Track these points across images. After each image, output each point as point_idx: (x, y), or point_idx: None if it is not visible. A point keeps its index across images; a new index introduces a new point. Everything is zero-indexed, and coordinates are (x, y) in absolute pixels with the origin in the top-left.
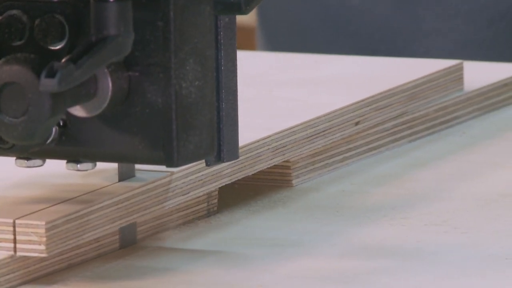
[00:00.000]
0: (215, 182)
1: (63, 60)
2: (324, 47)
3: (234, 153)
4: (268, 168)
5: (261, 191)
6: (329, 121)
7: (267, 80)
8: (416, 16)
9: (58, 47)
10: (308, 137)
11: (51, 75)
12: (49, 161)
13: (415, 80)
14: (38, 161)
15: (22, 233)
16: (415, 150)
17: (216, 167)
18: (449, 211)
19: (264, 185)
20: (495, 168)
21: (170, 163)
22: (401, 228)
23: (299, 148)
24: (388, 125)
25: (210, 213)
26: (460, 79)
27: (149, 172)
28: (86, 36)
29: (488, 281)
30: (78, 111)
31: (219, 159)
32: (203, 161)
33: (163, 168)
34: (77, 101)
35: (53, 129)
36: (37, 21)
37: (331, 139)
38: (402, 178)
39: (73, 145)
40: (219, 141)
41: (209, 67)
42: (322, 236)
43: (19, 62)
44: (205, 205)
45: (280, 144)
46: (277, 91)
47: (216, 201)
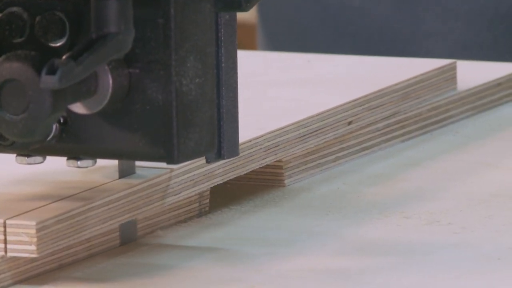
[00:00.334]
0: (207, 182)
1: (64, 57)
2: (324, 48)
3: (234, 150)
4: (260, 168)
5: (253, 191)
6: (322, 121)
7: (260, 79)
8: (416, 17)
9: (58, 44)
10: (300, 137)
11: (52, 72)
12: (49, 158)
13: (408, 79)
14: (38, 158)
15: (12, 234)
16: (407, 149)
17: (207, 167)
18: (442, 211)
19: (256, 185)
20: (488, 168)
21: (170, 160)
22: (393, 227)
23: (292, 147)
24: (380, 124)
25: (202, 213)
26: (453, 79)
27: (149, 169)
28: (86, 33)
29: (480, 281)
30: (78, 108)
31: (220, 156)
32: (202, 158)
33: (163, 165)
34: (77, 98)
35: (54, 126)
36: (38, 18)
37: (323, 139)
38: (394, 177)
39: (74, 142)
40: (220, 138)
41: (209, 64)
42: (314, 235)
43: (20, 59)
44: (196, 205)
45: (272, 143)
46: (270, 91)
47: (208, 201)
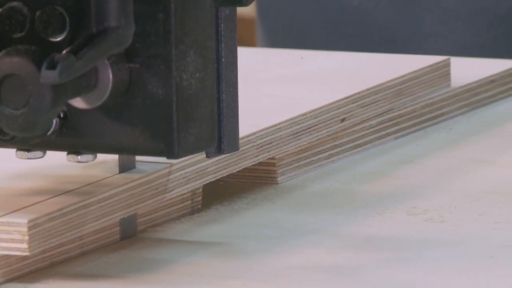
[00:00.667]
0: (200, 179)
1: (64, 52)
2: (323, 48)
3: (234, 144)
4: (253, 165)
5: (246, 188)
6: (315, 118)
7: (253, 76)
8: (415, 17)
9: (58, 39)
10: (293, 134)
11: (52, 67)
12: (49, 153)
13: (402, 76)
14: (38, 153)
15: (4, 232)
16: (401, 147)
17: (200, 165)
18: (435, 208)
19: (249, 182)
20: (482, 165)
21: (170, 154)
22: (387, 225)
23: (285, 145)
24: (374, 122)
25: (194, 211)
26: (447, 75)
27: (149, 163)
28: (86, 28)
29: (473, 279)
30: (78, 103)
31: (220, 151)
32: (199, 154)
33: (163, 159)
34: (77, 93)
35: (54, 121)
36: (38, 13)
37: (316, 136)
38: (388, 175)
39: (74, 137)
40: (220, 133)
41: (209, 58)
42: (307, 233)
43: (20, 54)
44: (189, 202)
45: (265, 141)
46: (263, 88)
47: (200, 198)
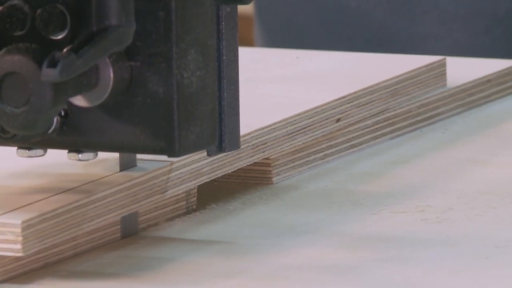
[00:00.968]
0: (194, 180)
1: (65, 50)
2: (321, 49)
3: (235, 142)
4: (248, 165)
5: (241, 189)
6: (310, 118)
7: (247, 76)
8: (413, 19)
9: (59, 37)
10: (288, 134)
11: (53, 65)
12: (50, 151)
13: (397, 76)
14: (39, 151)
15: None
16: (396, 147)
17: (194, 165)
18: (431, 209)
19: (244, 182)
20: (477, 165)
21: (171, 153)
22: (382, 225)
23: (280, 145)
24: (369, 122)
25: (189, 211)
26: (443, 75)
27: (150, 162)
28: (87, 26)
29: (468, 280)
30: (79, 101)
31: (221, 149)
32: (197, 153)
33: (164, 158)
34: (78, 91)
35: (55, 119)
36: (39, 11)
37: (311, 136)
38: (383, 175)
39: (75, 135)
40: (221, 131)
41: (210, 57)
42: (303, 233)
43: (21, 52)
44: (184, 203)
45: (260, 141)
46: (258, 87)
47: (195, 199)
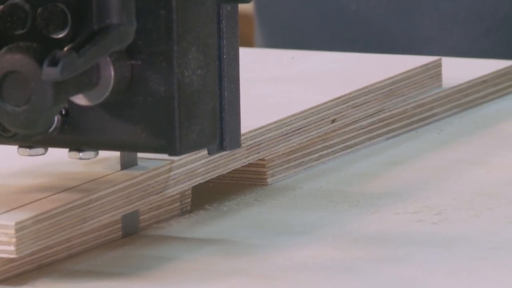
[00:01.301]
0: (189, 181)
1: (66, 49)
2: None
3: (236, 141)
4: (243, 166)
5: (236, 190)
6: (305, 119)
7: (243, 76)
8: (413, 22)
9: (60, 36)
10: (283, 135)
11: (54, 64)
12: (51, 150)
13: (393, 76)
14: (40, 150)
15: None
16: (392, 148)
17: (188, 166)
18: (426, 210)
19: (239, 183)
20: (473, 166)
21: (172, 151)
22: (377, 226)
23: (274, 146)
24: (364, 122)
25: (183, 213)
26: (438, 76)
27: (151, 160)
28: (88, 25)
29: (463, 281)
30: (80, 100)
31: (221, 148)
32: (194, 153)
33: (165, 156)
34: (79, 90)
35: (56, 118)
36: (40, 10)
37: (307, 137)
38: (378, 176)
39: (76, 134)
40: (222, 130)
41: (211, 55)
42: (297, 234)
43: (22, 51)
44: (178, 204)
45: (255, 142)
46: (253, 88)
47: (189, 200)
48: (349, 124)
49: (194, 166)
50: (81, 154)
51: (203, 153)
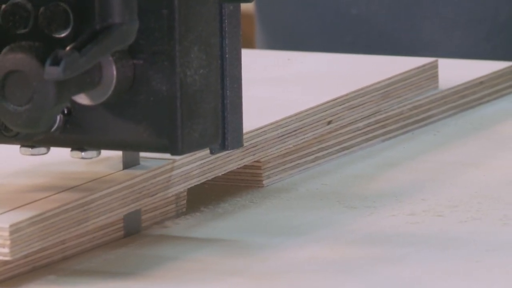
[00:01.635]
0: (184, 183)
1: (68, 48)
2: None
3: (238, 141)
4: (238, 168)
5: (231, 192)
6: (301, 121)
7: None
8: (414, 27)
9: (62, 35)
10: (279, 137)
11: (56, 63)
12: (53, 149)
13: (389, 78)
14: (42, 149)
15: None
16: (388, 149)
17: (184, 168)
18: (421, 212)
19: (234, 185)
20: (469, 168)
21: (174, 151)
22: (372, 228)
23: (270, 148)
24: (361, 124)
25: (178, 214)
26: (435, 77)
27: (153, 160)
28: (90, 24)
29: (458, 283)
30: (82, 99)
31: (224, 147)
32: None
33: (167, 156)
34: (81, 89)
35: (58, 117)
36: (42, 9)
37: (302, 139)
38: (375, 178)
39: (78, 133)
40: (224, 129)
41: (213, 55)
42: (293, 236)
43: (24, 50)
44: (173, 206)
45: (250, 144)
46: (249, 89)
47: (185, 202)
48: (345, 125)
49: (189, 168)
50: (83, 153)
51: (198, 155)
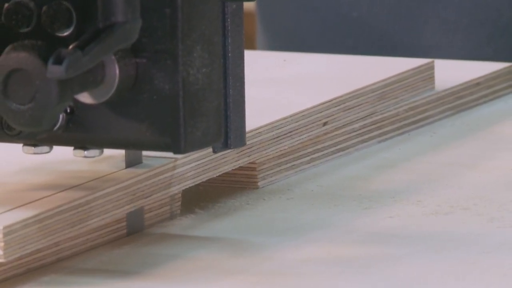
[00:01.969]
0: (178, 184)
1: (70, 47)
2: None
3: (241, 139)
4: (233, 169)
5: (226, 193)
6: (296, 122)
7: None
8: (415, 30)
9: (65, 34)
10: (274, 138)
11: (58, 62)
12: (56, 148)
13: (385, 79)
14: (45, 148)
15: None
16: (384, 151)
17: (178, 170)
18: (417, 214)
19: (229, 187)
20: (466, 170)
21: (177, 149)
22: (369, 229)
23: (265, 149)
24: (356, 125)
25: (173, 216)
26: (431, 78)
27: (156, 158)
28: (93, 23)
29: (453, 285)
30: (85, 98)
31: (226, 146)
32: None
33: (170, 154)
34: (84, 88)
35: (60, 116)
36: (45, 8)
37: (298, 140)
38: (370, 179)
39: (80, 132)
40: (226, 128)
41: (216, 53)
42: (288, 238)
43: (26, 49)
44: (168, 208)
45: (245, 145)
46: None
47: (179, 203)
48: (341, 127)
49: (184, 169)
50: (86, 152)
51: (193, 156)
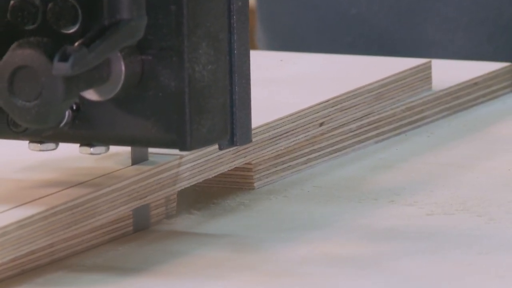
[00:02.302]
0: (174, 185)
1: (76, 44)
2: None
3: (247, 136)
4: (229, 170)
5: (222, 194)
6: (293, 122)
7: None
8: (415, 27)
9: (71, 31)
10: (270, 139)
11: (64, 59)
12: (62, 145)
13: (382, 79)
14: (51, 145)
15: None
16: (381, 151)
17: (174, 170)
18: (414, 215)
19: (225, 187)
20: (462, 170)
21: (183, 146)
22: (365, 230)
23: (261, 150)
24: (353, 126)
25: (168, 217)
26: (428, 78)
27: (162, 155)
28: (99, 20)
29: (448, 286)
30: (91, 95)
31: (232, 143)
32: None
33: (176, 151)
34: (90, 85)
35: (66, 113)
36: (50, 5)
37: (294, 141)
38: (367, 180)
39: (86, 129)
40: (232, 125)
41: (222, 50)
42: (284, 239)
43: (32, 46)
44: (163, 209)
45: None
46: None
47: (175, 204)
48: (338, 127)
49: (179, 170)
50: (92, 149)
51: (188, 157)
